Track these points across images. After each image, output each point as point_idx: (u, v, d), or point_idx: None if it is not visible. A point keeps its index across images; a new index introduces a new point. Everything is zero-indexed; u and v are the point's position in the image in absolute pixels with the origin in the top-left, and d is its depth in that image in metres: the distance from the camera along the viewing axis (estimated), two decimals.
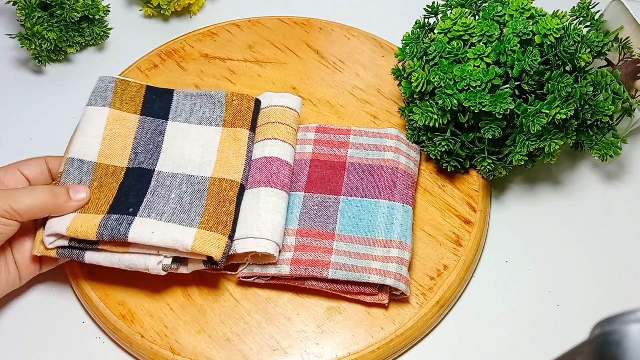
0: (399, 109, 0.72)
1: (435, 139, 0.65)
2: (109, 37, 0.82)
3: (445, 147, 0.65)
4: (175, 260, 0.58)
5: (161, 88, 0.69)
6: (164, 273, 0.58)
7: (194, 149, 0.65)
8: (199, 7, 0.86)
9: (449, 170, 0.68)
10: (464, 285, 0.64)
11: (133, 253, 0.58)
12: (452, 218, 0.66)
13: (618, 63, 0.69)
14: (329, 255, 0.60)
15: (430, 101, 0.64)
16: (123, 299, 0.61)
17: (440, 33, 0.65)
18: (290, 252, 0.61)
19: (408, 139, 0.69)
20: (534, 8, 0.63)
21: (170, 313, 0.61)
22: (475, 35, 0.63)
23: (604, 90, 0.65)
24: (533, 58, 0.60)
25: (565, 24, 0.62)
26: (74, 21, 0.78)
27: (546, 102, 0.61)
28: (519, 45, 0.61)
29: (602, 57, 0.67)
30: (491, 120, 0.61)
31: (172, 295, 0.62)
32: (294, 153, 0.66)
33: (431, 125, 0.63)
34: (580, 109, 0.63)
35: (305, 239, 0.62)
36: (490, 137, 0.62)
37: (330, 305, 0.61)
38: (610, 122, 0.67)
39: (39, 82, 0.80)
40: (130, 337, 0.60)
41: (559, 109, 0.60)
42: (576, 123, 0.64)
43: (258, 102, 0.68)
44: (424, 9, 0.70)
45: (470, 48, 0.62)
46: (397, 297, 0.61)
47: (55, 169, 0.63)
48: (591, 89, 0.62)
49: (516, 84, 0.62)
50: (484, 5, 0.67)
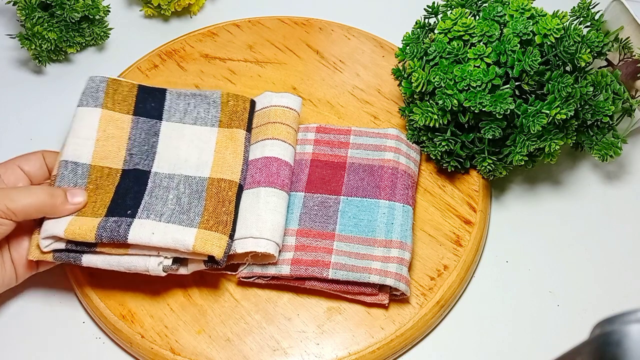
0: (399, 109, 0.72)
1: (435, 139, 0.65)
2: (109, 37, 0.82)
3: (445, 147, 0.65)
4: (175, 260, 0.58)
5: (153, 87, 0.68)
6: (164, 274, 0.58)
7: (190, 150, 0.65)
8: (199, 7, 0.86)
9: (449, 170, 0.68)
10: (464, 285, 0.64)
11: (132, 255, 0.58)
12: (452, 218, 0.66)
13: (618, 63, 0.69)
14: (329, 255, 0.60)
15: (430, 101, 0.64)
16: (123, 299, 0.61)
17: (440, 33, 0.64)
18: (290, 252, 0.61)
19: (408, 139, 0.69)
20: (534, 8, 0.63)
21: (170, 313, 0.61)
22: (475, 35, 0.63)
23: (604, 90, 0.65)
24: (533, 58, 0.60)
25: (565, 24, 0.62)
26: (74, 21, 0.78)
27: (546, 102, 0.61)
28: (519, 45, 0.61)
29: (602, 57, 0.67)
30: (491, 120, 0.61)
31: (172, 296, 0.62)
32: (294, 153, 0.66)
33: (431, 125, 0.63)
34: (580, 109, 0.63)
35: (305, 239, 0.62)
36: (490, 137, 0.62)
37: (330, 305, 0.61)
38: (610, 122, 0.67)
39: (39, 82, 0.80)
40: (130, 337, 0.60)
41: (559, 109, 0.60)
42: (576, 123, 0.64)
43: (253, 103, 0.68)
44: (424, 9, 0.70)
45: (470, 48, 0.62)
46: (397, 297, 0.61)
47: (52, 164, 0.62)
48: (591, 89, 0.62)
49: (516, 84, 0.62)
50: (484, 5, 0.67)
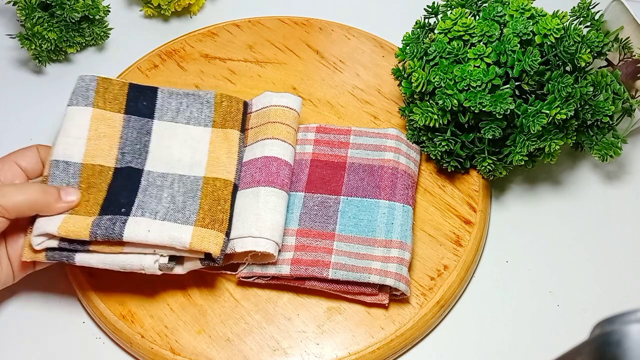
0: (399, 109, 0.72)
1: (435, 139, 0.65)
2: (109, 37, 0.82)
3: (445, 147, 0.65)
4: (171, 258, 0.58)
5: (144, 85, 0.67)
6: (159, 272, 0.57)
7: (183, 149, 0.65)
8: (199, 7, 0.86)
9: (449, 170, 0.68)
10: (464, 285, 0.64)
11: (127, 253, 0.57)
12: (452, 218, 0.66)
13: (618, 63, 0.69)
14: (329, 255, 0.60)
15: (430, 101, 0.64)
16: (123, 299, 0.61)
17: (440, 33, 0.64)
18: (290, 252, 0.61)
19: (408, 139, 0.69)
20: (534, 8, 0.63)
21: (170, 313, 0.61)
22: (475, 35, 0.63)
23: (604, 90, 0.65)
24: (533, 58, 0.60)
25: (565, 24, 0.62)
26: (74, 21, 0.78)
27: (546, 102, 0.61)
28: (519, 45, 0.61)
29: (602, 57, 0.67)
30: (491, 120, 0.61)
31: (172, 295, 0.62)
32: (293, 153, 0.66)
33: (431, 125, 0.63)
34: (580, 109, 0.63)
35: (305, 239, 0.62)
36: (490, 137, 0.62)
37: (330, 305, 0.61)
38: (610, 122, 0.67)
39: (39, 82, 0.80)
40: (130, 337, 0.60)
41: (559, 109, 0.60)
42: (576, 123, 0.64)
43: (246, 104, 0.68)
44: (424, 9, 0.70)
45: (470, 48, 0.62)
46: (397, 297, 0.61)
47: (46, 158, 0.62)
48: (591, 89, 0.62)
49: (516, 84, 0.62)
50: (484, 5, 0.67)
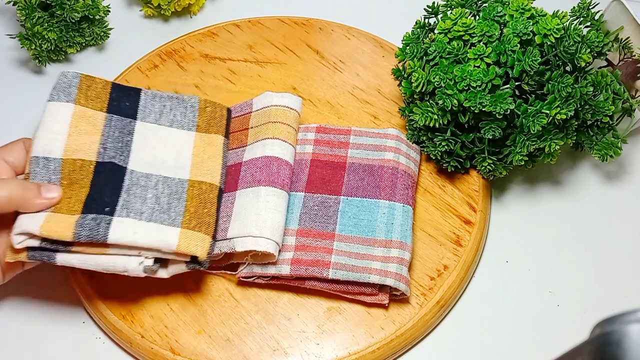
0: (399, 109, 0.72)
1: (435, 139, 0.65)
2: (109, 37, 0.82)
3: (445, 147, 0.65)
4: (156, 261, 0.57)
5: (128, 86, 0.67)
6: (144, 275, 0.56)
7: (166, 151, 0.64)
8: (199, 7, 0.86)
9: (449, 170, 0.68)
10: (464, 285, 0.64)
11: (111, 254, 0.56)
12: (452, 218, 0.66)
13: (618, 63, 0.69)
14: (329, 255, 0.60)
15: (430, 101, 0.64)
16: (123, 299, 0.61)
17: (440, 33, 0.64)
18: (290, 252, 0.61)
19: (408, 139, 0.69)
20: (534, 8, 0.63)
21: (170, 313, 0.61)
22: (475, 35, 0.63)
23: (604, 90, 0.65)
24: (533, 58, 0.60)
25: (565, 24, 0.62)
26: (74, 21, 0.78)
27: (546, 102, 0.61)
28: (519, 45, 0.61)
29: (602, 57, 0.67)
30: (491, 120, 0.61)
31: (172, 295, 0.62)
32: (294, 153, 0.66)
33: (431, 125, 0.63)
34: (580, 109, 0.63)
35: (305, 238, 0.62)
36: (490, 137, 0.62)
37: (330, 305, 0.61)
38: (610, 122, 0.67)
39: (39, 82, 0.80)
40: (130, 337, 0.60)
41: (559, 109, 0.60)
42: (576, 123, 0.64)
43: (229, 111, 0.68)
44: (424, 9, 0.70)
45: (470, 48, 0.62)
46: (397, 297, 0.61)
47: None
48: (591, 89, 0.62)
49: (516, 84, 0.62)
50: (484, 5, 0.67)
